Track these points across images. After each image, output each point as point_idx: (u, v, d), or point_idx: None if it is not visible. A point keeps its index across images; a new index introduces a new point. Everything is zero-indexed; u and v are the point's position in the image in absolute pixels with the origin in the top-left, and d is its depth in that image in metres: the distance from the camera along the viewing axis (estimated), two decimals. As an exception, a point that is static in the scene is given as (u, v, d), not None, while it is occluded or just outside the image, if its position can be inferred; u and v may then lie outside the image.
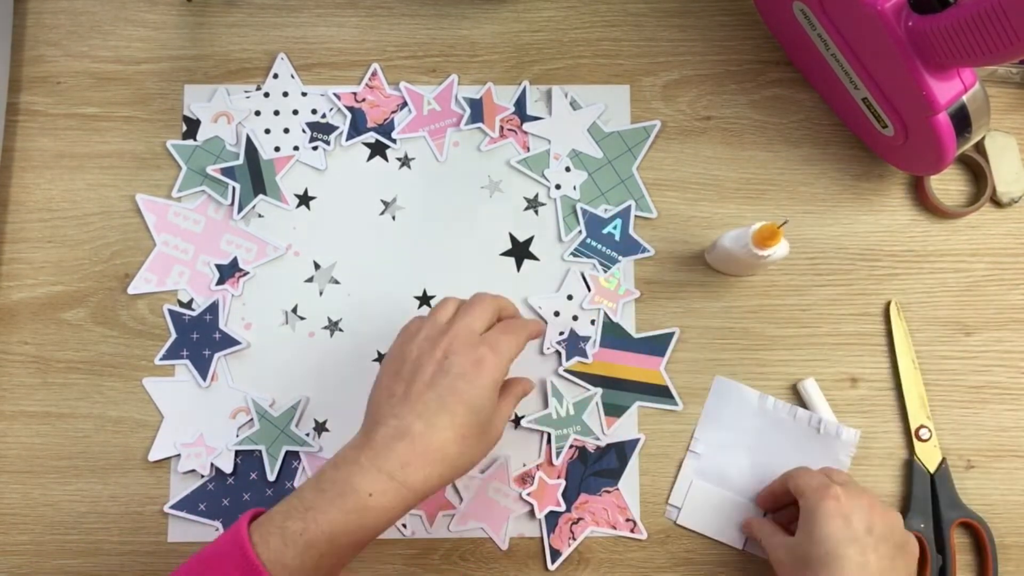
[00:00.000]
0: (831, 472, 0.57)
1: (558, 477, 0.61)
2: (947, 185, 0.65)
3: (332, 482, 0.46)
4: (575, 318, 0.62)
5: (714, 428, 0.61)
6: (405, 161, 0.64)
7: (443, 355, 0.49)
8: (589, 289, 0.62)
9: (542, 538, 0.60)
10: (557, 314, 0.62)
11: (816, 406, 0.61)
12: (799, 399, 0.62)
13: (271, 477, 0.60)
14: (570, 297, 0.62)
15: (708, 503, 0.61)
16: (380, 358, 0.62)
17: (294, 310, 0.63)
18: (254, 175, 0.64)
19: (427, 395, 0.47)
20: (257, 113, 0.65)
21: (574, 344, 0.62)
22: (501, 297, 0.54)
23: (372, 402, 0.50)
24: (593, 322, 0.62)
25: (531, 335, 0.54)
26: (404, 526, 0.60)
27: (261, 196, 0.63)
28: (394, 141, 0.64)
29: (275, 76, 0.65)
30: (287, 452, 0.61)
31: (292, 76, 0.65)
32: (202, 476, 0.61)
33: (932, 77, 0.52)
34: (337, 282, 0.63)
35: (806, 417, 0.61)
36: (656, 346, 0.62)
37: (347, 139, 0.64)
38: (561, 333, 0.62)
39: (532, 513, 0.60)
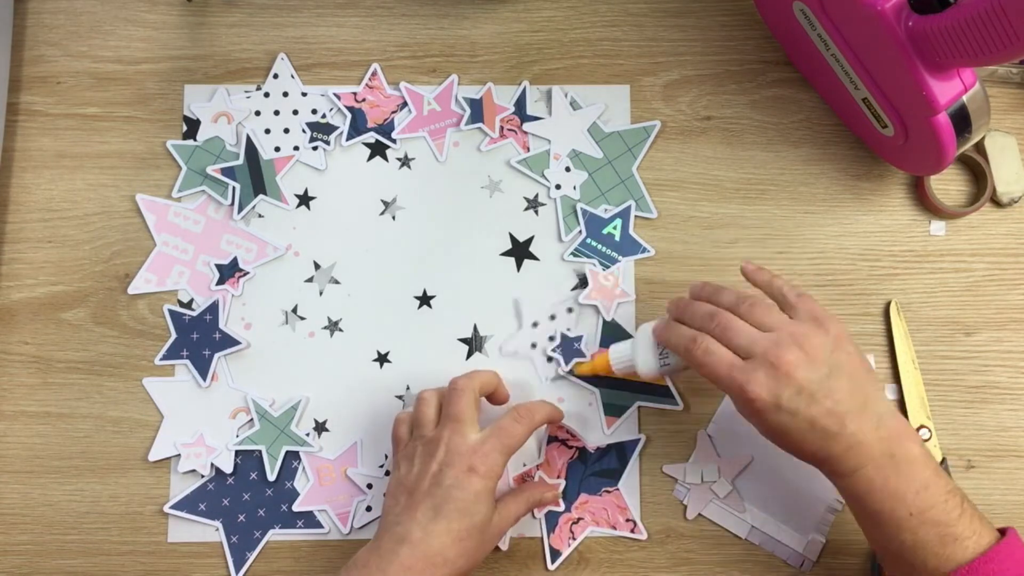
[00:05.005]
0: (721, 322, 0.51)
1: (558, 477, 0.61)
2: (947, 185, 0.65)
3: None
4: (569, 310, 0.62)
5: (735, 415, 0.61)
6: (405, 161, 0.64)
7: (438, 468, 0.52)
8: (587, 285, 0.62)
9: (542, 538, 0.60)
10: (553, 317, 0.62)
11: None
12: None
13: (271, 477, 0.61)
14: (570, 306, 0.62)
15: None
16: (380, 358, 0.62)
17: (294, 310, 0.63)
18: (254, 175, 0.64)
19: (424, 504, 0.52)
20: (257, 113, 0.65)
21: (568, 347, 0.62)
22: (475, 377, 0.57)
23: (383, 508, 0.55)
24: (574, 318, 0.62)
25: (531, 428, 0.56)
26: (404, 526, 0.61)
27: (261, 196, 0.63)
28: (394, 141, 0.64)
29: (275, 76, 0.65)
30: (287, 452, 0.61)
31: (292, 76, 0.65)
32: (202, 476, 0.61)
33: (932, 77, 0.52)
34: (337, 282, 0.63)
35: None
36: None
37: (347, 139, 0.64)
38: (552, 339, 0.62)
39: (532, 513, 0.60)
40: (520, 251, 0.63)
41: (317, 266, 0.63)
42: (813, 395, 0.48)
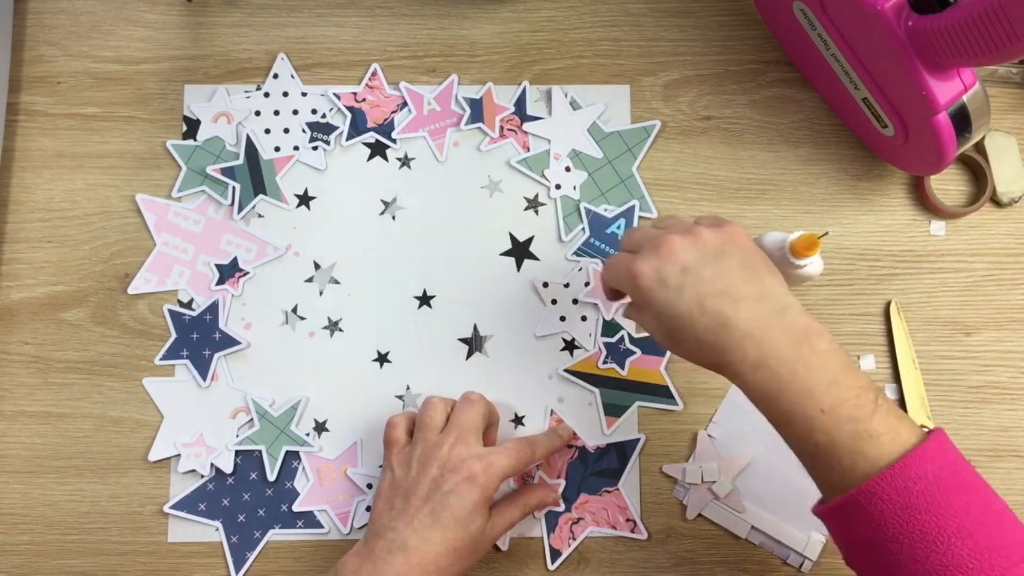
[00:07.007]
0: (635, 238, 0.50)
1: (558, 477, 0.61)
2: (947, 185, 0.65)
3: None
4: (574, 301, 0.62)
5: (735, 415, 0.61)
6: (405, 161, 0.64)
7: (439, 472, 0.52)
8: (588, 284, 0.62)
9: (542, 538, 0.60)
10: (555, 302, 0.62)
11: None
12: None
13: (271, 477, 0.61)
14: (573, 300, 0.62)
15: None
16: (380, 358, 0.62)
17: (294, 310, 0.63)
18: (254, 175, 0.64)
19: (422, 510, 0.51)
20: (257, 113, 0.65)
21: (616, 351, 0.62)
22: (485, 400, 0.57)
23: (374, 510, 0.54)
24: (584, 318, 0.62)
25: (532, 461, 0.56)
26: (404, 526, 0.61)
27: (261, 196, 0.63)
28: (394, 141, 0.64)
29: (275, 76, 0.65)
30: (287, 452, 0.61)
31: (292, 76, 0.65)
32: (202, 476, 0.61)
33: (932, 77, 0.52)
34: (337, 282, 0.63)
35: None
36: (656, 346, 0.62)
37: (347, 139, 0.64)
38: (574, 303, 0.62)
39: (532, 513, 0.60)
40: (520, 251, 0.63)
41: (317, 266, 0.63)
42: (699, 273, 0.45)
